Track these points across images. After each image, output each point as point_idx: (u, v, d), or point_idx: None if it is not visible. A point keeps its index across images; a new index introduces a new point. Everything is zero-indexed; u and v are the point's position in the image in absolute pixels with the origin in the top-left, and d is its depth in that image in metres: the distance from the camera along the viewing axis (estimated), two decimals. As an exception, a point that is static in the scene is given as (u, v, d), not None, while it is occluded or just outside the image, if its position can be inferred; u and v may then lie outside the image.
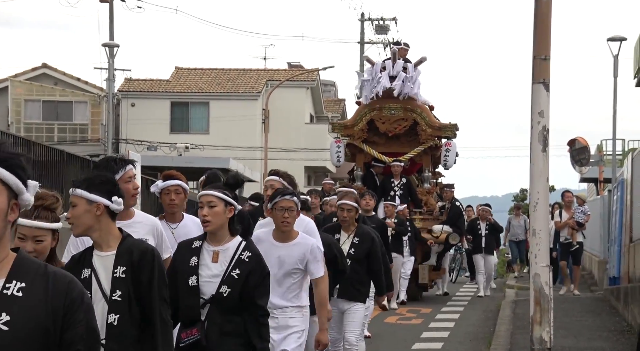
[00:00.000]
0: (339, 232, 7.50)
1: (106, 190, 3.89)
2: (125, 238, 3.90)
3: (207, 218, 4.61)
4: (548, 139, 7.69)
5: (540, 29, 7.77)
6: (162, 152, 32.54)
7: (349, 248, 7.38)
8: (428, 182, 16.29)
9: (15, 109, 33.49)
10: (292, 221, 5.53)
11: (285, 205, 5.53)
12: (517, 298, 16.03)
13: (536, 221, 7.67)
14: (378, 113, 16.05)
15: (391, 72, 15.99)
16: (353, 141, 16.19)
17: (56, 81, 34.69)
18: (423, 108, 16.10)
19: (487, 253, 17.19)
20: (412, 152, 15.99)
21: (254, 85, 35.97)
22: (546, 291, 7.55)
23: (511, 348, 9.79)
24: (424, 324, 12.65)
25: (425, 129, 15.88)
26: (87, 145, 32.33)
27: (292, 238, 5.60)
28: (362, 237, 7.44)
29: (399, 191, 15.54)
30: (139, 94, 35.13)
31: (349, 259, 7.27)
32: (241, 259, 4.58)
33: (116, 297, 3.77)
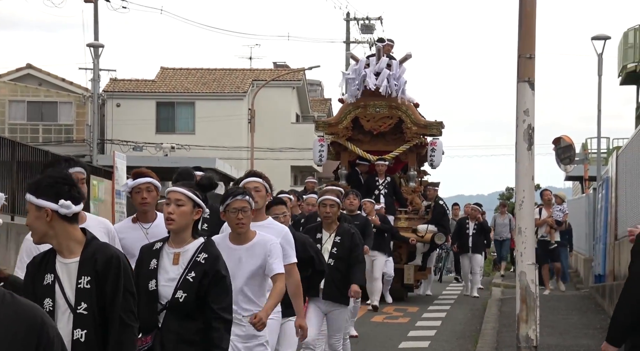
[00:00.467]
0: (321, 231, 7.37)
1: (54, 193, 3.56)
2: (89, 242, 3.59)
3: (172, 216, 4.38)
4: (533, 138, 7.71)
5: (525, 27, 7.79)
6: (148, 153, 32.45)
7: (332, 247, 7.29)
8: (413, 181, 16.04)
9: (0, 110, 33.32)
10: (247, 222, 5.27)
11: (238, 206, 5.26)
12: (504, 297, 16.08)
13: (522, 219, 7.68)
14: (363, 111, 15.81)
15: (375, 69, 15.76)
16: (337, 140, 15.96)
17: (41, 81, 34.54)
18: (408, 106, 15.86)
19: (474, 252, 16.91)
20: (397, 151, 15.74)
21: (239, 85, 35.93)
22: (532, 289, 7.57)
23: (497, 347, 9.81)
24: (410, 323, 12.66)
25: (411, 127, 15.64)
26: (72, 146, 32.19)
27: (250, 238, 5.34)
28: (344, 235, 7.35)
29: (384, 190, 15.30)
30: (125, 95, 35.03)
31: (332, 259, 7.19)
32: (197, 261, 4.34)
33: (81, 310, 3.50)
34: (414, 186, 15.98)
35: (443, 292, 18.20)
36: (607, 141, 29.64)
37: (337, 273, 7.23)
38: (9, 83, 33.92)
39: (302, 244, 6.17)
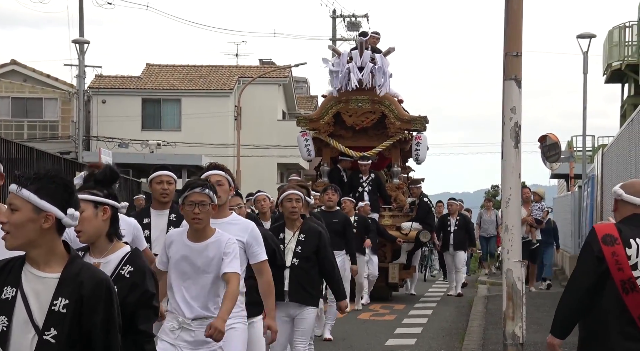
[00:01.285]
0: (283, 231, 6.87)
1: (63, 199, 3.06)
2: (73, 259, 3.06)
3: (77, 228, 3.81)
4: (520, 136, 7.73)
5: (512, 25, 7.81)
6: (134, 150, 32.36)
7: (295, 246, 6.81)
8: (397, 177, 15.61)
9: (-16, 106, 33.14)
10: (204, 218, 4.87)
11: (196, 199, 4.87)
12: (490, 294, 16.11)
13: (508, 216, 7.70)
14: (344, 106, 15.40)
15: (358, 63, 15.28)
16: (319, 135, 15.51)
17: (25, 77, 34.36)
18: (391, 100, 15.42)
19: (457, 249, 16.48)
20: (380, 146, 15.34)
21: (225, 82, 35.86)
22: (519, 287, 7.59)
23: (484, 344, 9.84)
24: (397, 320, 12.68)
25: (394, 122, 15.24)
26: (57, 142, 32.05)
27: (207, 236, 4.93)
28: (308, 233, 6.83)
29: (368, 187, 14.89)
30: (110, 91, 34.90)
31: (296, 258, 6.77)
32: (121, 275, 3.72)
33: (49, 337, 2.95)
34: (398, 183, 15.55)
35: (429, 290, 18.23)
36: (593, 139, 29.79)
37: (303, 273, 6.78)
38: (-7, 79, 33.73)
39: (263, 238, 5.76)
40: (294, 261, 6.77)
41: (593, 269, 4.22)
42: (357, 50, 15.45)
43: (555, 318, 4.41)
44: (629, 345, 4.18)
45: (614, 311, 4.19)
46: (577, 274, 4.33)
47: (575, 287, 4.31)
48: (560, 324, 4.37)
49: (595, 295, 4.24)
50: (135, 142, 32.65)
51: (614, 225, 4.31)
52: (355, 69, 15.17)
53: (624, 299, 4.17)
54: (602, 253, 4.19)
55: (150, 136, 33.46)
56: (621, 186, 4.40)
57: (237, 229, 5.23)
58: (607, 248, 4.19)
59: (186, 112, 34.82)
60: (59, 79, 34.69)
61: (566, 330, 4.38)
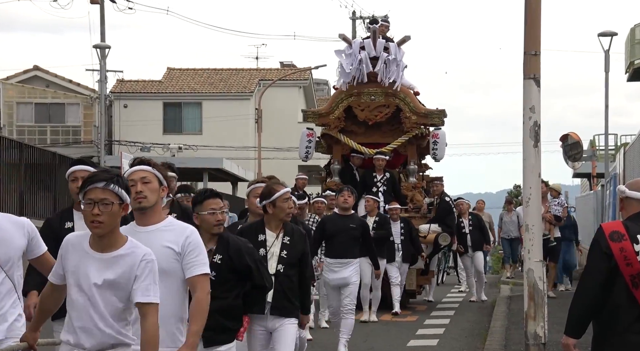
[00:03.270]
0: (263, 231, 5.84)
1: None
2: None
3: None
4: (540, 135, 7.71)
5: (530, 24, 7.79)
6: (156, 153, 32.49)
7: (280, 250, 5.84)
8: (414, 176, 14.29)
9: (8, 112, 33.42)
10: (107, 221, 3.77)
11: (96, 197, 3.76)
12: (512, 294, 16.03)
13: (529, 216, 7.68)
14: (356, 99, 14.14)
15: (372, 53, 14.03)
16: (329, 131, 14.25)
17: (48, 83, 34.62)
18: (407, 93, 14.14)
19: (475, 249, 15.30)
20: (395, 143, 14.04)
21: (246, 85, 35.95)
22: (540, 287, 7.56)
23: (506, 344, 9.80)
24: (419, 321, 12.64)
25: (410, 116, 13.97)
26: (80, 147, 32.27)
27: (115, 246, 3.82)
28: (293, 236, 5.88)
29: (382, 187, 13.64)
30: (132, 95, 35.09)
31: (281, 265, 5.79)
32: None
33: None
34: (415, 182, 14.27)
35: (452, 290, 18.14)
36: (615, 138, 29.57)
37: (288, 282, 5.83)
38: (16, 85, 34.01)
39: (237, 252, 5.09)
40: (279, 268, 5.81)
41: (602, 266, 4.26)
42: (369, 39, 14.23)
43: (568, 317, 4.43)
44: (639, 338, 4.21)
45: (624, 306, 4.24)
46: (587, 273, 4.36)
47: (586, 285, 4.34)
48: (574, 323, 4.39)
49: (606, 291, 4.27)
50: (156, 146, 32.80)
51: (620, 222, 4.36)
52: (367, 60, 14.02)
53: (634, 293, 4.22)
54: (610, 250, 4.24)
55: (171, 139, 33.60)
56: (625, 185, 4.49)
57: (171, 236, 4.25)
58: (615, 244, 4.24)
59: (207, 116, 34.94)
60: (81, 84, 34.93)
61: (580, 329, 4.40)
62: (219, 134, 34.01)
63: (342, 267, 9.49)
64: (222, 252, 5.09)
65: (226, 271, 5.06)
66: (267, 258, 5.78)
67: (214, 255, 5.04)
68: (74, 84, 34.86)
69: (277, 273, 5.79)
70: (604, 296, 4.29)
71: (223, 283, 5.01)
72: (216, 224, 5.09)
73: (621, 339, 4.25)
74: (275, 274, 5.77)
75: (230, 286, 5.08)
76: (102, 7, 29.49)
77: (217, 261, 5.05)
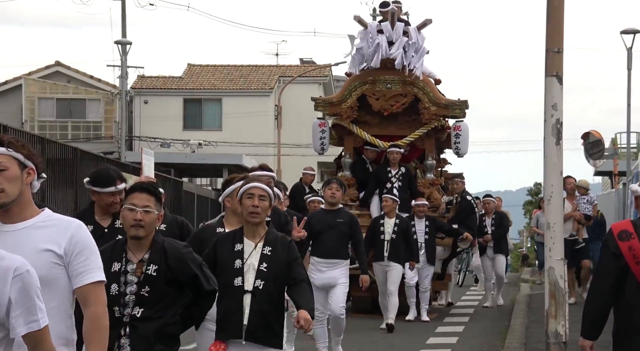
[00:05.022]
0: (241, 240, 4.85)
1: None
2: None
3: None
4: (562, 133, 7.67)
5: (553, 21, 7.74)
6: (176, 149, 32.61)
7: (259, 263, 4.80)
8: (431, 171, 13.08)
9: (29, 107, 33.63)
10: None
11: None
12: (532, 292, 15.98)
13: (550, 214, 7.65)
14: (371, 87, 12.90)
15: (390, 37, 12.83)
16: (340, 122, 13.09)
17: (69, 78, 34.80)
18: (426, 81, 12.90)
19: (496, 252, 14.16)
20: (413, 135, 12.85)
21: (266, 81, 35.99)
22: (561, 285, 7.53)
23: (526, 342, 9.76)
24: (438, 319, 12.62)
25: (429, 107, 12.76)
26: (100, 142, 32.42)
27: None
28: (276, 245, 4.85)
29: (397, 183, 12.45)
30: (152, 91, 35.22)
31: (260, 280, 4.77)
32: None
33: None
34: (432, 178, 13.08)
35: (471, 288, 18.09)
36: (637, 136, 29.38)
37: (268, 302, 4.77)
38: (38, 80, 34.21)
39: (178, 260, 4.17)
40: (257, 284, 4.77)
41: (612, 267, 4.29)
42: (387, 22, 12.97)
43: (583, 319, 4.45)
44: None
45: (636, 304, 4.25)
46: (598, 274, 4.41)
47: (598, 287, 4.37)
48: (589, 325, 4.41)
49: (618, 291, 4.29)
50: (176, 142, 32.91)
51: (630, 221, 4.39)
52: (385, 44, 12.77)
53: None
54: (619, 249, 4.26)
55: (191, 135, 33.70)
56: (639, 184, 4.58)
57: (49, 235, 3.23)
58: (623, 243, 4.26)
59: (227, 112, 35.01)
60: (102, 80, 35.10)
61: (596, 331, 4.41)
62: (239, 131, 34.06)
63: (330, 267, 8.66)
64: (158, 261, 4.15)
65: (164, 285, 4.13)
66: (243, 271, 4.77)
67: (148, 265, 4.15)
68: (95, 79, 35.03)
69: (255, 290, 4.76)
70: (615, 297, 4.30)
71: (160, 299, 4.13)
72: (133, 224, 4.15)
73: (636, 340, 4.23)
74: (253, 291, 4.75)
75: (168, 303, 4.15)
76: (123, 3, 29.60)
77: (152, 273, 4.13)
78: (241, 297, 4.76)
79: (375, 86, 12.96)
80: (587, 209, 13.53)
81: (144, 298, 4.12)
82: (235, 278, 4.78)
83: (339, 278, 8.63)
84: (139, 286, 4.15)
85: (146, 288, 4.12)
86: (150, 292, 4.13)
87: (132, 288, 4.16)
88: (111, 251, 4.22)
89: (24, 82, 33.95)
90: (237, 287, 4.76)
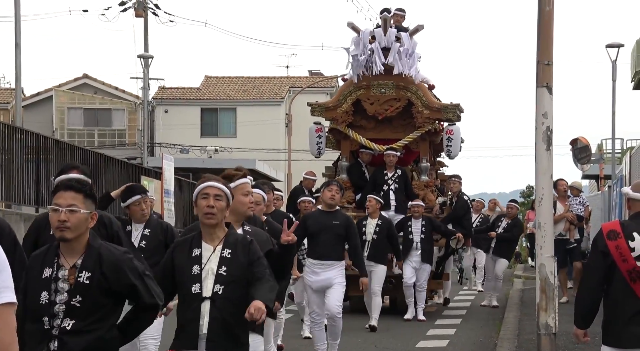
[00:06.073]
0: (199, 245, 4.17)
1: None
2: None
3: None
4: (552, 139, 7.66)
5: (544, 36, 7.73)
6: (194, 155, 32.66)
7: (218, 267, 4.12)
8: (426, 174, 12.68)
9: (59, 116, 33.74)
10: None
11: None
12: (525, 287, 15.94)
13: (541, 214, 7.64)
14: (365, 92, 12.45)
15: (383, 43, 12.35)
16: (337, 126, 12.62)
17: (96, 90, 34.90)
18: (419, 86, 12.48)
19: (499, 255, 13.28)
20: (407, 139, 12.41)
21: (277, 92, 36.03)
22: (551, 280, 7.52)
23: (519, 334, 9.74)
24: (437, 311, 12.59)
25: (422, 110, 12.30)
26: (124, 149, 32.49)
27: None
28: (237, 248, 4.16)
29: (394, 185, 12.01)
30: (172, 101, 35.29)
31: (219, 285, 4.08)
32: None
33: None
34: (427, 180, 12.63)
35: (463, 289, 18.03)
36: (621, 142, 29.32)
37: (228, 307, 4.09)
38: (67, 92, 34.32)
39: (114, 267, 3.56)
40: (216, 289, 4.10)
41: (600, 264, 4.36)
42: (380, 29, 12.48)
43: (575, 311, 4.57)
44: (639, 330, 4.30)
45: (624, 299, 4.31)
46: (588, 271, 4.50)
47: (587, 282, 4.47)
48: (580, 317, 4.53)
49: (607, 286, 4.37)
50: (194, 148, 32.96)
51: (618, 221, 4.49)
52: (379, 51, 12.31)
53: (633, 287, 4.30)
54: (607, 248, 4.33)
55: (208, 142, 33.75)
56: (630, 186, 4.57)
57: None
58: (611, 242, 4.33)
59: (241, 120, 35.06)
60: (126, 91, 35.19)
61: (586, 321, 4.52)
62: (252, 137, 34.11)
63: (325, 269, 7.87)
64: (92, 268, 3.52)
65: (98, 294, 3.51)
66: (201, 277, 4.11)
67: (80, 272, 3.51)
68: (120, 90, 35.12)
69: (214, 295, 4.09)
70: (603, 291, 4.38)
71: (93, 310, 3.50)
72: (57, 226, 3.53)
73: (624, 330, 4.30)
74: (212, 297, 4.08)
75: (103, 315, 3.53)
76: (145, 19, 29.66)
77: (85, 280, 3.50)
78: (199, 305, 4.06)
79: (369, 90, 12.53)
80: (580, 210, 12.99)
81: (75, 308, 3.45)
82: (193, 285, 4.08)
83: (335, 278, 7.87)
84: (69, 295, 3.45)
85: (77, 297, 3.45)
86: (82, 302, 3.46)
87: (62, 297, 3.46)
88: (44, 256, 3.55)
89: (54, 93, 34.07)
90: (195, 294, 4.07)
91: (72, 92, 34.41)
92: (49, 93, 34.27)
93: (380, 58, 12.26)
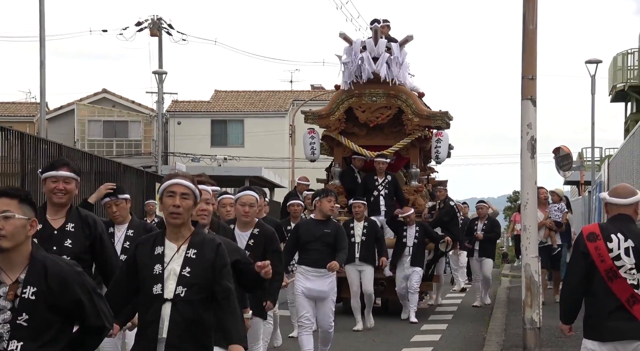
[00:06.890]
0: (162, 243, 3.68)
1: None
2: None
3: None
4: (536, 148, 7.67)
5: (528, 53, 7.75)
6: (204, 163, 32.68)
7: (182, 268, 3.63)
8: (416, 179, 12.23)
9: (80, 128, 33.81)
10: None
11: None
12: (511, 285, 15.93)
13: (526, 217, 7.66)
14: (357, 100, 12.06)
15: (373, 53, 11.98)
16: (329, 133, 12.23)
17: (114, 103, 34.97)
18: (409, 94, 12.11)
19: (484, 255, 12.98)
20: (397, 145, 12.01)
21: (282, 104, 36.09)
22: (536, 279, 7.53)
23: (506, 328, 9.73)
24: (430, 308, 12.58)
25: (412, 118, 11.92)
26: (140, 158, 32.53)
27: None
28: (202, 247, 3.66)
29: (384, 190, 11.61)
30: (184, 114, 35.37)
31: (182, 287, 3.60)
32: None
33: None
34: (417, 185, 12.18)
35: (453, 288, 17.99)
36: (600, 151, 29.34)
37: (190, 311, 3.60)
38: (88, 105, 34.40)
39: (60, 280, 2.98)
40: (178, 291, 3.61)
41: (581, 264, 4.38)
42: (371, 39, 12.10)
43: (560, 308, 4.61)
44: (618, 324, 4.32)
45: (603, 297, 4.34)
46: (570, 270, 4.51)
47: (569, 282, 4.49)
48: (564, 313, 4.57)
49: (588, 284, 4.40)
50: (205, 157, 33.00)
51: (597, 224, 4.49)
52: (369, 60, 11.95)
53: (610, 286, 4.32)
54: (587, 249, 4.36)
55: (218, 151, 33.80)
56: (608, 192, 4.60)
57: None
58: (591, 243, 4.35)
59: (248, 131, 35.13)
60: (142, 104, 35.26)
61: (570, 317, 4.55)
62: (259, 147, 34.16)
63: (319, 277, 7.40)
64: (38, 282, 2.93)
65: (46, 311, 2.93)
66: (163, 277, 3.61)
67: (24, 288, 2.93)
68: (136, 104, 35.18)
69: (176, 297, 3.60)
70: (584, 290, 4.41)
71: (42, 329, 2.93)
72: None
73: (603, 326, 4.34)
74: (173, 299, 3.60)
75: (55, 334, 2.96)
76: (160, 38, 29.71)
77: (30, 296, 2.92)
78: (159, 307, 3.57)
79: (361, 99, 12.12)
80: (557, 216, 12.48)
81: (22, 328, 2.87)
82: (154, 285, 3.58)
83: (329, 292, 7.42)
84: (13, 314, 2.87)
85: (23, 315, 2.87)
86: (29, 321, 2.88)
87: (5, 316, 2.87)
88: None
89: (76, 107, 34.15)
90: (155, 295, 3.57)
91: (92, 105, 34.47)
92: (71, 107, 34.35)
93: (371, 67, 11.93)
